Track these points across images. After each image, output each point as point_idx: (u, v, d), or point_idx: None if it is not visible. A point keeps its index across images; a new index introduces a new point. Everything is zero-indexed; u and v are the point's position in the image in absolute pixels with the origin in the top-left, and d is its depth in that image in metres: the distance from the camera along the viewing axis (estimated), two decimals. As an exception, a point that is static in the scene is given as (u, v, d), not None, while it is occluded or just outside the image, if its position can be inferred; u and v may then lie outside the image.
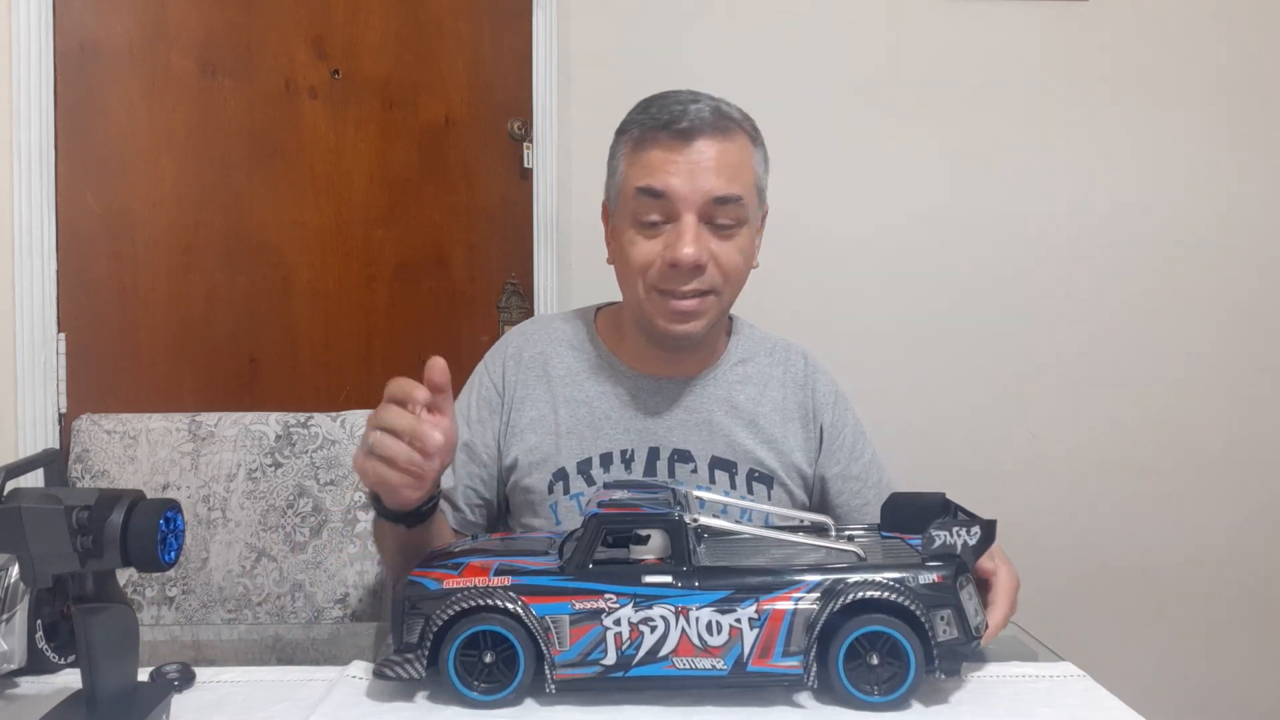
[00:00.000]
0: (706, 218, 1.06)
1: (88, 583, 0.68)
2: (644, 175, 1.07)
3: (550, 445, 1.15)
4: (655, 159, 1.06)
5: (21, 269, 1.61)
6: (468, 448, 1.17)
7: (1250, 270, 2.13)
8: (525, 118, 2.05)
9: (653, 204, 1.06)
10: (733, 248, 1.08)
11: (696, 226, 1.05)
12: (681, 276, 1.06)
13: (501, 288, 2.07)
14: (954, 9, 2.09)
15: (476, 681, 0.75)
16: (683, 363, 1.18)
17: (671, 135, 1.05)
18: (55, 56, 1.63)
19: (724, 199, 1.05)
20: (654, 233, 1.07)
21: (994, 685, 0.81)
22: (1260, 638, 2.13)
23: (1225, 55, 2.11)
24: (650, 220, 1.07)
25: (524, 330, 1.25)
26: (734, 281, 1.10)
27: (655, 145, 1.07)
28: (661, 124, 1.06)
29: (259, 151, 1.81)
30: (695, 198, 1.04)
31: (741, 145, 1.09)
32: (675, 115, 1.06)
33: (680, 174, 1.04)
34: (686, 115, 1.06)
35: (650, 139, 1.07)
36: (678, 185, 1.04)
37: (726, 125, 1.08)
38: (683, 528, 0.77)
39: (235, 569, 1.48)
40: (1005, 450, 2.13)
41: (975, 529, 0.77)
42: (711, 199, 1.05)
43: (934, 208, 2.11)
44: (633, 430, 1.15)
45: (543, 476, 1.15)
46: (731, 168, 1.06)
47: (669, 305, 1.08)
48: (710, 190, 1.04)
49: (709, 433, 1.16)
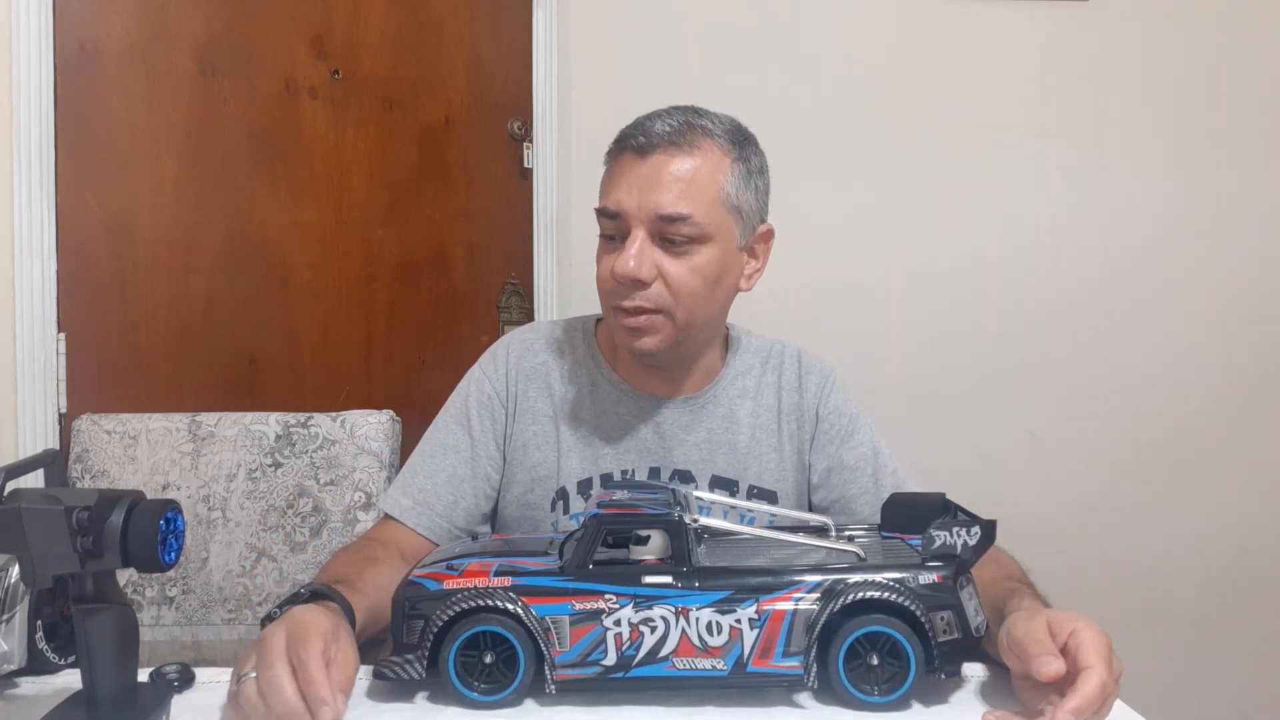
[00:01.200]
0: (656, 234, 1.04)
1: (88, 583, 0.68)
2: (605, 192, 1.07)
3: (551, 463, 1.14)
4: (616, 173, 1.07)
5: (21, 269, 1.61)
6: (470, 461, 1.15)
7: (1250, 270, 2.13)
8: (525, 118, 2.05)
9: (609, 222, 1.07)
10: (684, 266, 1.04)
11: (642, 241, 1.04)
12: (624, 290, 1.05)
13: (501, 288, 2.07)
14: (954, 9, 2.09)
15: (476, 682, 0.75)
16: (680, 382, 1.16)
17: (630, 151, 1.06)
18: (55, 56, 1.63)
19: (670, 217, 1.03)
20: (612, 248, 1.07)
21: (994, 685, 0.81)
22: (1260, 638, 2.13)
23: (1225, 55, 2.11)
24: (609, 237, 1.08)
25: (524, 339, 1.22)
26: (686, 300, 1.06)
27: (616, 162, 1.07)
28: (626, 135, 1.07)
29: (259, 151, 1.81)
30: (641, 214, 1.03)
31: (707, 160, 1.05)
32: (635, 131, 1.06)
33: (630, 189, 1.04)
34: (646, 131, 1.05)
35: (613, 156, 1.08)
36: (625, 201, 1.04)
37: (692, 139, 1.05)
38: (683, 528, 0.77)
39: (235, 569, 1.48)
40: (1004, 449, 2.13)
41: (975, 529, 0.77)
42: (657, 215, 1.03)
43: (933, 207, 2.11)
44: (634, 450, 1.15)
45: (545, 494, 1.14)
46: (685, 183, 1.03)
47: (620, 321, 1.07)
48: (655, 207, 1.03)
49: (709, 452, 1.15)
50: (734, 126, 1.10)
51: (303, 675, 0.70)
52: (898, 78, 2.10)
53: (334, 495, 1.49)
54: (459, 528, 1.13)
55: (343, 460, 1.50)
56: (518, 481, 1.15)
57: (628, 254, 1.03)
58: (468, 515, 1.14)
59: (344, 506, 1.49)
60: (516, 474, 1.15)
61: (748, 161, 1.09)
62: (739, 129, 1.10)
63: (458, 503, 1.14)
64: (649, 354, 1.09)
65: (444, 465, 1.15)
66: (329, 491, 1.49)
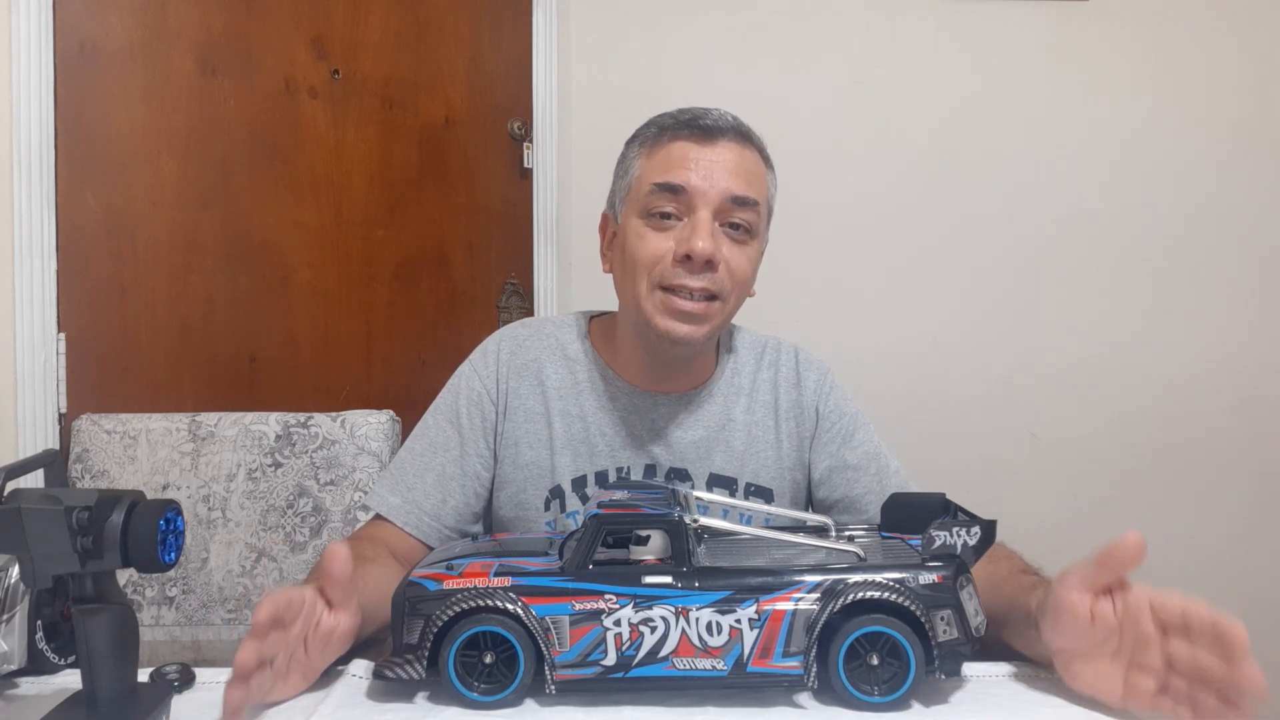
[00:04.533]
0: (722, 217, 1.04)
1: (88, 583, 0.68)
2: (662, 170, 1.05)
3: (545, 461, 1.13)
4: (675, 154, 1.05)
5: (21, 269, 1.61)
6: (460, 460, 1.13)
7: (1251, 270, 2.13)
8: (525, 118, 2.05)
9: (669, 199, 1.04)
10: (742, 255, 1.06)
11: (711, 222, 1.03)
12: (688, 271, 1.02)
13: (501, 288, 2.07)
14: (954, 9, 2.09)
15: (476, 682, 0.75)
16: (678, 379, 1.15)
17: (694, 131, 1.05)
18: (55, 56, 1.63)
19: (742, 200, 1.03)
20: (666, 227, 1.04)
21: (994, 685, 0.81)
22: (1260, 638, 2.13)
23: (1225, 54, 2.11)
24: (663, 214, 1.04)
25: (515, 335, 1.19)
26: (739, 290, 1.07)
27: (677, 139, 1.05)
28: (684, 122, 1.06)
29: (259, 151, 1.81)
30: (713, 194, 1.02)
31: (759, 160, 1.09)
32: (699, 114, 1.06)
33: (700, 170, 1.03)
34: (710, 115, 1.06)
35: (671, 134, 1.06)
36: (697, 181, 1.03)
37: (748, 135, 1.08)
38: (683, 528, 0.77)
39: (235, 569, 1.48)
40: (1005, 450, 2.13)
41: (975, 529, 0.77)
42: (730, 198, 1.03)
43: (933, 207, 2.11)
44: (629, 448, 1.13)
45: (538, 492, 1.12)
46: (749, 173, 1.05)
47: (674, 303, 1.04)
48: (729, 189, 1.03)
49: (706, 450, 1.14)
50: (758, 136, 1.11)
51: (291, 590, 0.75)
52: (898, 78, 2.10)
53: (334, 495, 1.49)
54: (448, 527, 1.11)
55: (343, 460, 1.50)
56: (511, 480, 1.14)
57: (701, 233, 1.01)
58: (457, 515, 1.12)
59: (344, 506, 1.49)
60: (509, 473, 1.14)
61: (774, 171, 1.12)
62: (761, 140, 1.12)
63: (446, 501, 1.12)
64: (693, 341, 1.06)
65: (433, 464, 1.13)
66: (329, 491, 1.49)
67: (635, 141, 1.11)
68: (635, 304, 1.08)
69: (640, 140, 1.10)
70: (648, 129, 1.10)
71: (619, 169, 1.13)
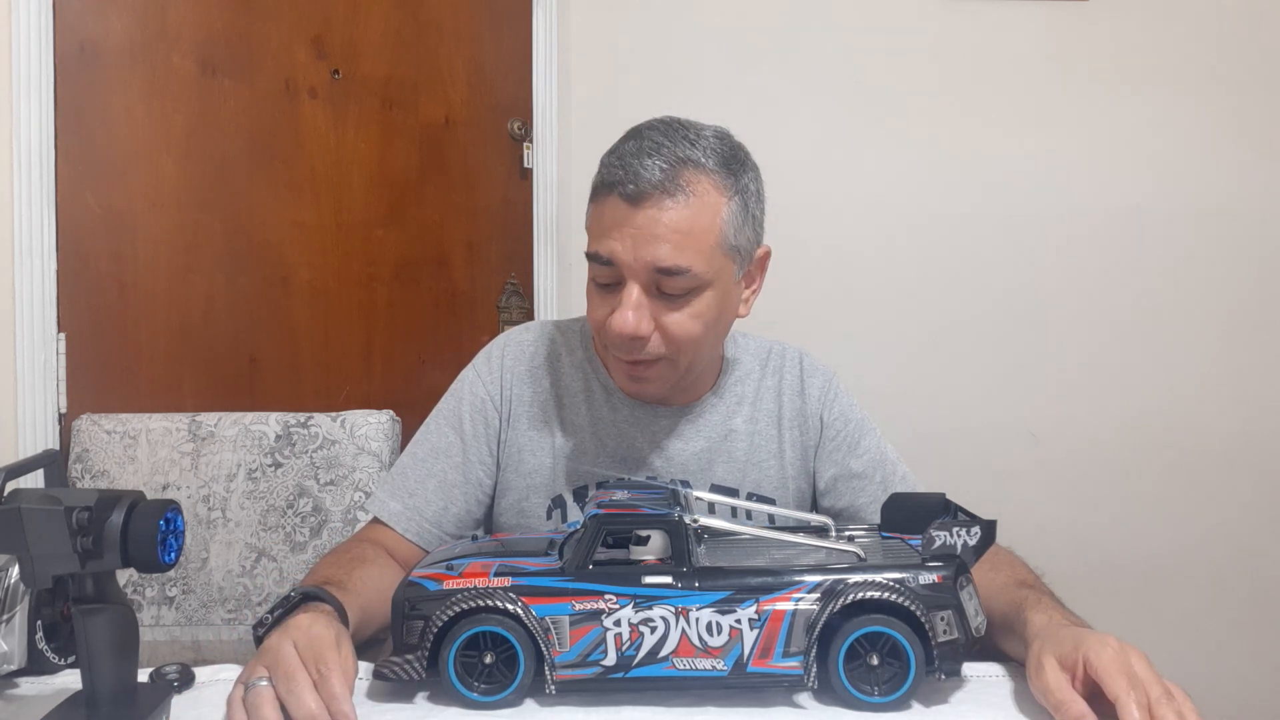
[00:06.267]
0: (652, 287, 0.99)
1: (88, 583, 0.68)
2: (596, 236, 1.02)
3: (547, 469, 1.12)
4: (607, 217, 1.00)
5: (21, 269, 1.61)
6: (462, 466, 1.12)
7: (1251, 269, 2.13)
8: (525, 118, 2.05)
9: (603, 269, 1.01)
10: (684, 316, 1.00)
11: (639, 295, 0.99)
12: (625, 346, 1.01)
13: (501, 288, 2.07)
14: (954, 8, 2.09)
15: (476, 682, 0.75)
16: (678, 392, 1.13)
17: (620, 197, 0.98)
18: (55, 57, 1.63)
19: (668, 270, 0.97)
20: (607, 294, 1.02)
21: (994, 685, 0.81)
22: (1260, 638, 2.13)
23: (1226, 53, 2.11)
24: (603, 283, 1.02)
25: (519, 340, 1.18)
26: (687, 348, 1.03)
27: (606, 202, 1.00)
28: (615, 181, 0.99)
29: (259, 151, 1.81)
30: (638, 267, 0.97)
31: (703, 204, 0.98)
32: (625, 175, 0.97)
33: (624, 240, 0.97)
34: (635, 176, 0.97)
35: (600, 198, 1.02)
36: (620, 253, 0.98)
37: (685, 182, 0.97)
38: (683, 528, 0.77)
39: (235, 569, 1.48)
40: (1005, 450, 2.13)
41: (975, 529, 0.77)
42: (655, 269, 0.97)
43: (934, 207, 2.11)
44: (631, 459, 1.12)
45: (540, 501, 1.12)
46: (682, 235, 0.97)
47: (622, 366, 1.05)
48: (653, 260, 0.97)
49: (708, 460, 1.13)
50: (725, 151, 1.01)
51: (325, 689, 0.70)
52: (898, 77, 2.10)
53: (334, 495, 1.49)
54: (449, 534, 1.11)
55: (343, 460, 1.50)
56: (513, 488, 1.13)
57: (625, 311, 0.98)
58: (458, 522, 1.12)
59: (344, 506, 1.49)
60: (511, 480, 1.13)
61: (744, 192, 1.02)
62: (730, 151, 1.02)
63: (448, 509, 1.11)
64: (650, 396, 1.09)
65: (435, 470, 1.12)
66: (329, 491, 1.49)
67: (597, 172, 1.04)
68: None
69: (595, 177, 1.04)
70: (601, 167, 1.03)
71: None
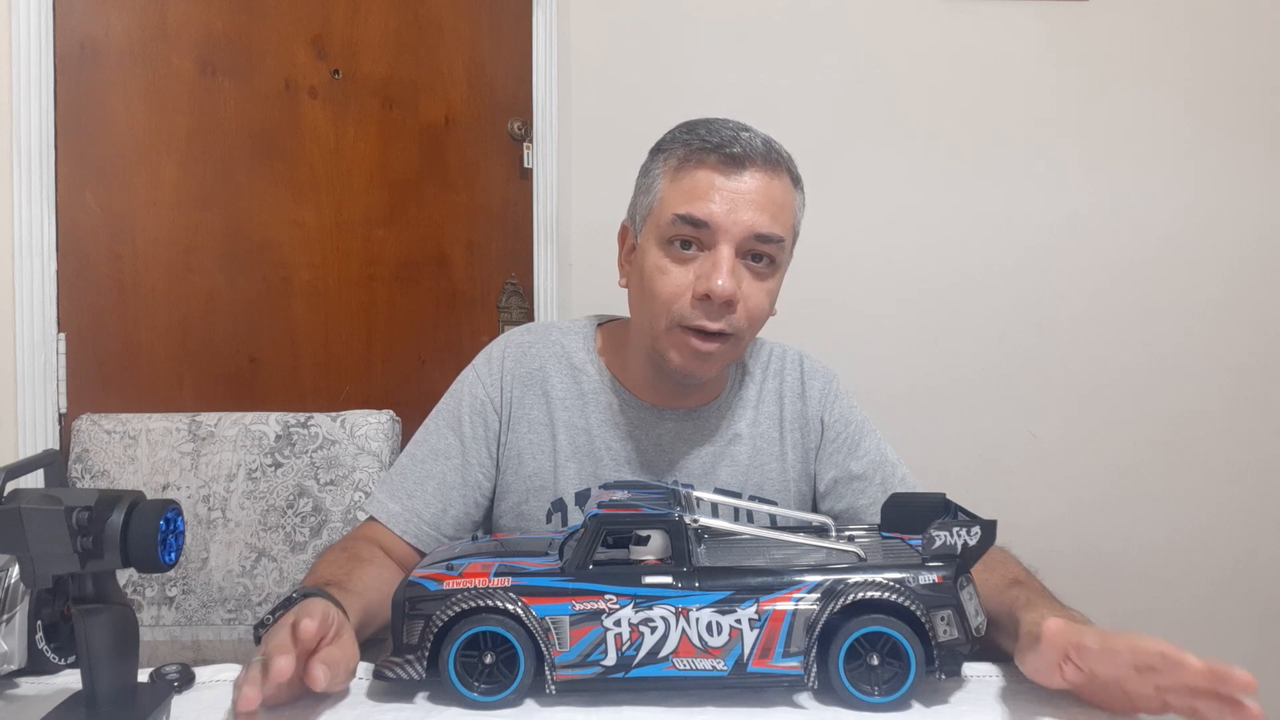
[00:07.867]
0: (744, 253, 1.00)
1: (88, 583, 0.68)
2: (685, 200, 1.00)
3: (548, 473, 1.11)
4: (700, 183, 0.99)
5: (21, 269, 1.61)
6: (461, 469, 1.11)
7: (1251, 270, 2.13)
8: (525, 118, 2.05)
9: (690, 230, 1.00)
10: (762, 291, 1.02)
11: (733, 259, 0.99)
12: (711, 311, 0.99)
13: (501, 288, 2.07)
14: (954, 9, 2.09)
15: (477, 682, 0.75)
16: (688, 397, 1.13)
17: (721, 159, 0.99)
18: (55, 56, 1.63)
19: (766, 237, 0.99)
20: (686, 258, 1.00)
21: (994, 685, 0.81)
22: (1260, 637, 2.13)
23: (1226, 53, 2.11)
24: (683, 245, 1.00)
25: (520, 341, 1.16)
26: (755, 327, 1.05)
27: (702, 167, 1.00)
28: (711, 146, 1.00)
29: (259, 151, 1.81)
30: (737, 230, 0.98)
31: (787, 186, 1.03)
32: (726, 139, 1.00)
33: (724, 202, 0.98)
34: (739, 141, 1.00)
35: (697, 160, 1.01)
36: (720, 215, 0.98)
37: (776, 161, 1.02)
38: (683, 528, 0.77)
39: (235, 569, 1.48)
40: (1005, 450, 2.13)
41: (975, 529, 0.77)
42: (754, 234, 0.98)
43: (934, 208, 2.11)
44: (634, 462, 1.11)
45: (540, 504, 1.11)
46: (777, 205, 1.00)
47: (690, 343, 1.01)
48: (753, 225, 0.98)
49: (712, 464, 1.13)
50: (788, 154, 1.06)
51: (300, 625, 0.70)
52: (898, 78, 2.10)
53: (334, 495, 1.49)
54: (447, 536, 1.10)
55: (343, 460, 1.50)
56: (513, 491, 1.12)
57: (721, 271, 0.97)
58: (456, 524, 1.11)
59: (344, 506, 1.49)
60: (511, 483, 1.12)
61: (803, 191, 1.08)
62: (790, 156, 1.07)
63: (447, 511, 1.10)
64: (704, 377, 1.07)
65: (434, 471, 1.11)
66: (329, 491, 1.49)
67: (660, 156, 1.05)
68: (651, 335, 1.05)
69: (665, 156, 1.04)
70: (674, 145, 1.04)
71: (641, 181, 1.08)
